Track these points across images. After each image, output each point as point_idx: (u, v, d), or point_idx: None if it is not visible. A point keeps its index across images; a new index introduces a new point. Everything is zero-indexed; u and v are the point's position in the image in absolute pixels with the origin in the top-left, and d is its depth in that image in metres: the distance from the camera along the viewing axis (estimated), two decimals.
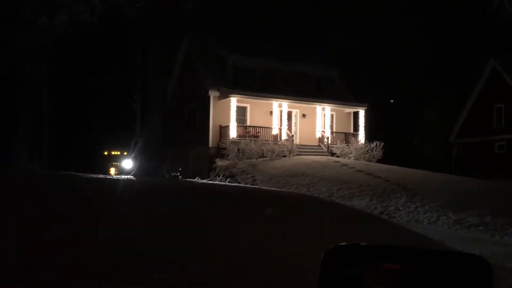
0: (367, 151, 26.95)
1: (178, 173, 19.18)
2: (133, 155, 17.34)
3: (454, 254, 1.23)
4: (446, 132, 34.13)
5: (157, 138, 17.40)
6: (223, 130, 26.87)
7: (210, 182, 18.69)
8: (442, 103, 35.39)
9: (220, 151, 26.01)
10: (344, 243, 1.20)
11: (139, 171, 16.37)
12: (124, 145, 27.08)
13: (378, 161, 26.28)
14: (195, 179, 19.91)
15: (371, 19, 43.61)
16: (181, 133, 30.09)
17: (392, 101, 34.68)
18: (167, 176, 17.64)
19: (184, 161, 26.65)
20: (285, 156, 25.00)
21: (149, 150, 17.19)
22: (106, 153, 36.66)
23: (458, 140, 33.55)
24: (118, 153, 25.94)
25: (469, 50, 37.76)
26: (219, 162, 25.06)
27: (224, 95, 26.79)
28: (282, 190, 16.83)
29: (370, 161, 26.01)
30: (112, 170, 24.30)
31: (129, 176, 14.05)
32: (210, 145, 27.02)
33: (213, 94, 27.23)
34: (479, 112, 31.61)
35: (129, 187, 10.44)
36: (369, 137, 28.86)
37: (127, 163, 20.53)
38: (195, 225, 6.99)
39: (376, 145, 26.98)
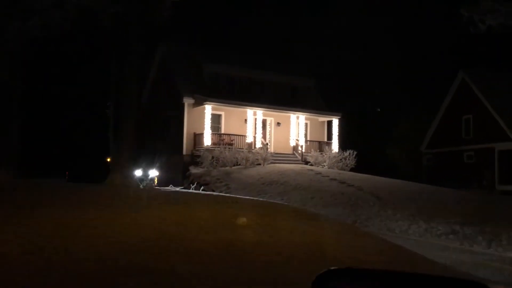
0: (341, 159, 27.25)
1: (151, 181, 18.93)
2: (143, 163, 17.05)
3: (450, 280, 1.21)
4: (418, 142, 34.80)
5: (131, 145, 17.17)
6: (198, 137, 26.74)
7: (184, 190, 18.52)
8: (414, 113, 36.08)
9: (194, 158, 25.85)
10: (335, 267, 1.18)
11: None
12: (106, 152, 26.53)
13: (351, 169, 26.59)
14: (169, 187, 19.72)
15: (346, 31, 44.35)
16: (155, 140, 29.80)
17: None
18: (140, 184, 17.42)
19: (158, 168, 26.35)
20: (259, 164, 25.04)
21: (122, 158, 16.95)
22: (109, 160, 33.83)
23: (428, 150, 34.24)
24: None
25: (441, 63, 38.79)
26: (193, 170, 24.89)
27: (199, 102, 26.69)
28: (256, 198, 16.80)
29: (344, 169, 26.30)
30: None
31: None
32: (184, 152, 26.83)
33: (187, 101, 27.09)
34: (448, 122, 32.38)
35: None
36: (342, 146, 29.19)
37: (137, 172, 19.91)
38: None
39: (350, 154, 27.31)
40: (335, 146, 29.54)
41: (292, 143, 28.96)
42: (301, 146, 28.62)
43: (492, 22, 19.61)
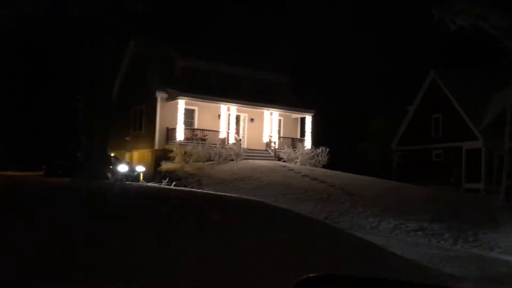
0: (313, 156, 27.44)
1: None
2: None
3: (428, 287, 1.20)
4: (389, 139, 35.36)
5: (101, 139, 16.86)
6: (170, 132, 26.48)
7: (155, 185, 18.31)
8: (387, 111, 36.62)
9: (167, 153, 25.61)
10: (315, 274, 1.13)
11: (82, 173, 15.78)
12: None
13: (324, 166, 26.81)
14: (141, 182, 19.46)
15: (320, 28, 44.61)
16: (127, 134, 29.39)
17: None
18: (111, 179, 17.13)
19: (129, 163, 25.98)
20: (232, 160, 24.99)
21: (93, 152, 16.63)
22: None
23: (399, 148, 34.85)
24: (112, 154, 21.16)
25: (414, 62, 39.48)
26: (165, 165, 24.64)
27: (172, 97, 26.42)
28: (229, 194, 16.75)
29: (316, 166, 26.50)
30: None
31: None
32: (157, 147, 26.55)
33: (160, 95, 26.78)
34: (419, 121, 33.00)
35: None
36: (315, 142, 29.39)
37: (123, 167, 18.86)
38: None
39: (322, 150, 27.52)
40: (308, 142, 29.72)
41: (266, 139, 28.99)
42: (274, 143, 28.69)
43: (463, 23, 20.08)
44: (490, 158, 27.89)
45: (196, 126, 27.44)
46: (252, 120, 29.39)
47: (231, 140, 27.17)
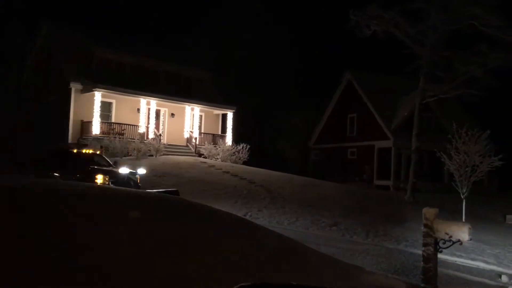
0: (234, 153, 27.57)
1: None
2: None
3: None
4: (308, 137, 36.42)
5: (7, 131, 15.68)
6: (85, 125, 25.29)
7: (67, 181, 17.32)
8: (305, 110, 37.65)
9: (81, 148, 24.40)
10: (248, 283, 1.07)
11: None
12: None
13: (244, 163, 27.04)
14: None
15: (241, 25, 44.87)
16: (37, 126, 27.56)
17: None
18: (18, 174, 15.99)
19: (39, 157, 24.42)
20: (151, 155, 24.44)
21: None
22: (74, 150, 19.39)
23: (316, 146, 36.03)
24: (90, 151, 17.02)
25: (333, 62, 41.01)
26: None
27: (88, 88, 25.23)
28: (148, 191, 16.30)
29: (237, 163, 26.65)
30: (100, 178, 15.13)
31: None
32: (70, 141, 25.21)
33: (75, 86, 25.47)
34: (335, 120, 34.32)
35: None
36: (236, 139, 29.54)
37: (124, 169, 15.98)
38: None
39: (243, 147, 27.73)
40: (229, 139, 29.79)
41: (186, 135, 28.65)
42: (195, 138, 28.44)
43: (376, 28, 21.19)
44: (399, 157, 29.71)
45: (113, 120, 26.44)
46: (172, 115, 28.89)
47: (151, 135, 26.54)
